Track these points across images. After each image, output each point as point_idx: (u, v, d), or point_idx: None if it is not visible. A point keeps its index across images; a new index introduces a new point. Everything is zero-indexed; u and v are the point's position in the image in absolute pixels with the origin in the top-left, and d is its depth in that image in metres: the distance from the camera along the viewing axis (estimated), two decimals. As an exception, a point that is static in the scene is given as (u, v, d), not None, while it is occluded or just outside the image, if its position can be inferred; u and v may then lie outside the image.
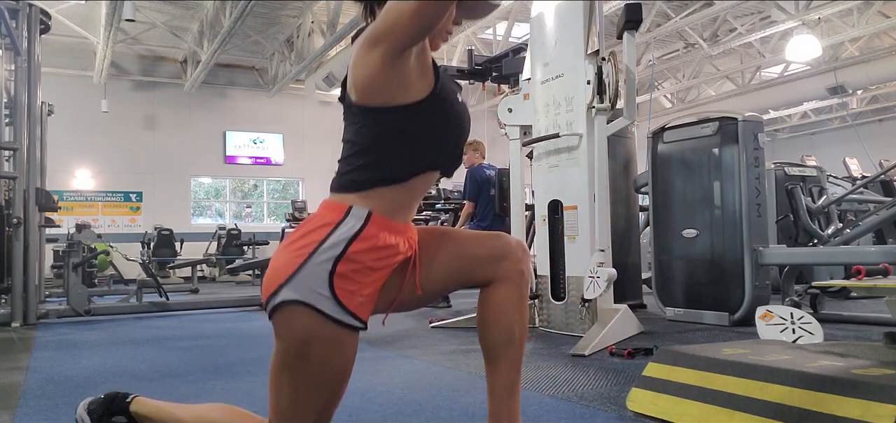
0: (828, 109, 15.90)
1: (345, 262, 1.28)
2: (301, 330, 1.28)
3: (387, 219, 1.35)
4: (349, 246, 1.29)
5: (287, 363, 1.31)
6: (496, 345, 1.45)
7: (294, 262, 1.28)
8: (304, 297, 1.26)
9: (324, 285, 1.27)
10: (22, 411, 2.26)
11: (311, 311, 1.27)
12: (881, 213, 4.87)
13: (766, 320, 2.68)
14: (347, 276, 1.29)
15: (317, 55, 11.11)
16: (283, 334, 1.30)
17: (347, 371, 1.35)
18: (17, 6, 5.11)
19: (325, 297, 1.27)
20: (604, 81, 3.70)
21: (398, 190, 1.37)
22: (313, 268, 1.27)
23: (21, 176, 4.96)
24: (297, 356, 1.30)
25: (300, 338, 1.29)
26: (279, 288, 1.28)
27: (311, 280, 1.27)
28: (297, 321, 1.28)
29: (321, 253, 1.28)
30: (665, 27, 11.12)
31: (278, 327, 1.31)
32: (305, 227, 1.34)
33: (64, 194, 12.45)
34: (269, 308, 1.31)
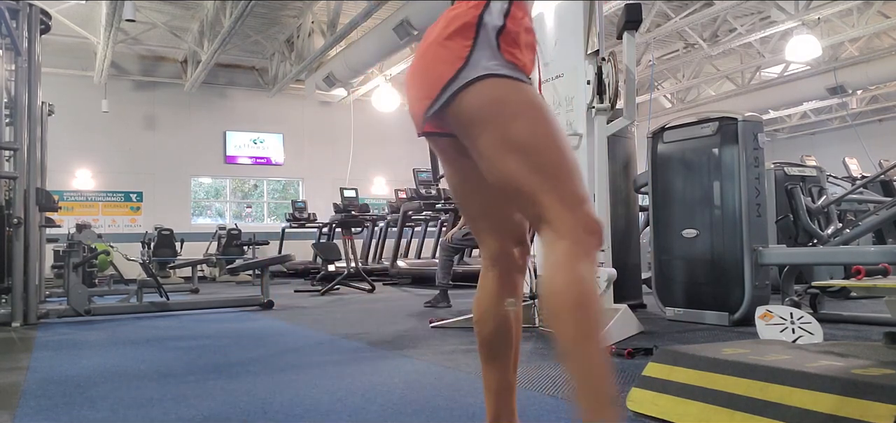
0: (828, 109, 15.89)
1: (504, 36, 1.29)
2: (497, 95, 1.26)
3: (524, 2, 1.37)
4: (506, 19, 1.30)
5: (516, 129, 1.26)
6: (494, 342, 1.46)
7: (463, 47, 1.27)
8: (488, 70, 1.26)
9: (497, 57, 1.28)
10: (22, 411, 2.26)
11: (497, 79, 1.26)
12: (881, 213, 4.87)
13: (766, 320, 2.69)
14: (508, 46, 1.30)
15: (317, 55, 11.12)
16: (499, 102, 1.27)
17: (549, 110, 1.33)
18: (18, 6, 5.11)
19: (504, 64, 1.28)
20: (604, 81, 3.70)
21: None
22: (481, 49, 1.27)
23: (21, 176, 4.96)
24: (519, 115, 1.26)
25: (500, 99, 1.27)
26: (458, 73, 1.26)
27: (483, 59, 1.27)
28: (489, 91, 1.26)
29: (482, 32, 1.28)
30: (665, 27, 11.12)
31: (486, 100, 1.27)
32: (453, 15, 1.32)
33: (64, 194, 12.45)
34: (444, 98, 1.27)
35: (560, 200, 1.23)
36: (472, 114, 1.27)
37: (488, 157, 1.28)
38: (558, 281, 1.19)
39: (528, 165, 1.24)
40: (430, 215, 9.83)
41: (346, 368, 2.92)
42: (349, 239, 8.41)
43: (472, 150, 1.31)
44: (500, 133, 1.25)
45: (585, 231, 1.22)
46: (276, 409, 2.17)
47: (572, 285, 1.18)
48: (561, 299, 1.18)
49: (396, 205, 10.64)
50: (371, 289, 7.79)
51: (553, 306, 1.19)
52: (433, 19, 5.61)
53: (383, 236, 11.31)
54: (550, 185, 1.24)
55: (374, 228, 11.33)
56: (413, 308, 5.69)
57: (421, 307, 5.70)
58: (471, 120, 1.27)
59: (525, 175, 1.24)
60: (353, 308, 5.94)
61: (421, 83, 1.33)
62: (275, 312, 5.67)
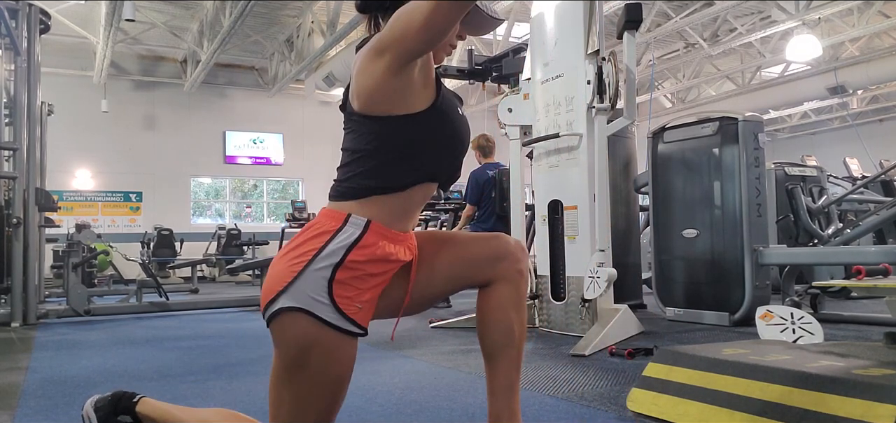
0: (828, 109, 15.89)
1: (343, 269, 1.29)
2: (300, 336, 1.28)
3: (385, 228, 1.35)
4: (348, 254, 1.30)
5: (286, 371, 1.31)
6: (495, 344, 1.46)
7: (292, 270, 1.29)
8: (302, 304, 1.27)
9: (322, 292, 1.27)
10: (22, 411, 2.26)
11: (309, 317, 1.27)
12: (881, 213, 4.87)
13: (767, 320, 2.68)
14: (346, 283, 1.29)
15: (317, 55, 11.11)
16: (282, 341, 1.30)
17: (346, 378, 1.35)
18: (17, 6, 5.11)
19: (324, 304, 1.27)
20: (604, 81, 3.69)
21: (396, 199, 1.38)
22: (312, 275, 1.28)
23: (21, 176, 4.96)
24: (296, 363, 1.29)
25: (299, 344, 1.28)
26: (277, 296, 1.28)
27: (309, 288, 1.27)
28: (296, 328, 1.28)
29: (320, 261, 1.29)
30: (665, 27, 11.12)
31: (277, 334, 1.31)
32: (303, 235, 1.34)
33: (64, 194, 12.45)
34: (267, 316, 1.31)
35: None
36: (274, 336, 1.31)
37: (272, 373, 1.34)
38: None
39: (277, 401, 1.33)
40: (431, 215, 9.82)
41: (345, 368, 2.92)
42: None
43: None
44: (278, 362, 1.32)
45: None
46: (276, 409, 2.16)
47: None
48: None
49: (396, 205, 10.61)
50: (371, 289, 7.77)
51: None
52: None
53: (383, 236, 11.29)
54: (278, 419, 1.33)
55: (374, 228, 11.31)
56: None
57: (421, 307, 5.68)
58: (274, 338, 1.31)
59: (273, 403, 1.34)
60: (352, 308, 5.92)
61: (262, 288, 1.36)
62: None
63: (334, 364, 1.31)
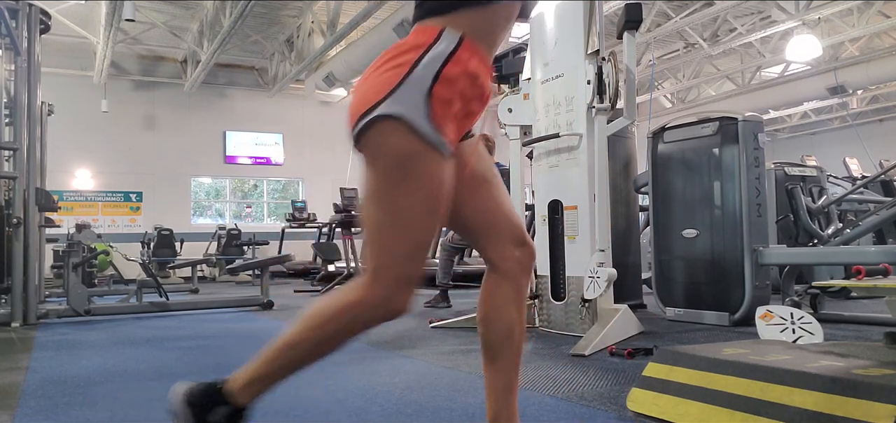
0: (828, 109, 15.90)
1: (440, 83, 1.25)
2: (400, 146, 1.23)
3: (476, 45, 1.32)
4: (444, 67, 1.26)
5: (382, 187, 1.26)
6: (496, 343, 1.46)
7: (391, 80, 1.25)
8: (403, 113, 1.23)
9: (421, 104, 1.23)
10: (22, 411, 2.26)
11: (407, 128, 1.23)
12: (881, 213, 4.87)
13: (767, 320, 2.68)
14: (441, 98, 1.26)
15: (317, 55, 11.12)
16: (380, 151, 1.25)
17: (442, 200, 1.29)
18: (17, 6, 5.10)
19: (422, 116, 1.23)
20: (604, 81, 3.69)
21: (482, 15, 1.33)
22: (410, 87, 1.24)
23: (21, 176, 4.96)
24: (394, 173, 1.25)
25: (399, 154, 1.24)
26: (376, 104, 1.24)
27: (409, 97, 1.23)
28: (396, 137, 1.23)
29: (417, 72, 1.25)
30: (665, 27, 11.12)
31: (372, 146, 1.26)
32: (395, 50, 1.30)
33: (64, 194, 12.45)
34: (360, 126, 1.25)
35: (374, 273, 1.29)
36: (367, 148, 1.27)
37: (365, 191, 1.30)
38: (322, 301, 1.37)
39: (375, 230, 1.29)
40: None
41: (346, 368, 2.92)
42: (349, 239, 8.40)
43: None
44: (376, 181, 1.27)
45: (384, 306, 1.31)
46: (276, 409, 2.17)
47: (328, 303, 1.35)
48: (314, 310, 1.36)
49: (396, 205, 10.62)
50: (371, 289, 7.77)
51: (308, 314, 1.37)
52: None
53: (383, 236, 11.29)
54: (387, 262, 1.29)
55: (374, 228, 11.31)
56: (413, 308, 5.69)
57: (421, 307, 5.69)
58: (365, 153, 1.28)
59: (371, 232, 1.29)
60: (353, 308, 5.92)
61: (352, 103, 1.32)
62: (275, 312, 5.67)
63: (432, 180, 1.26)
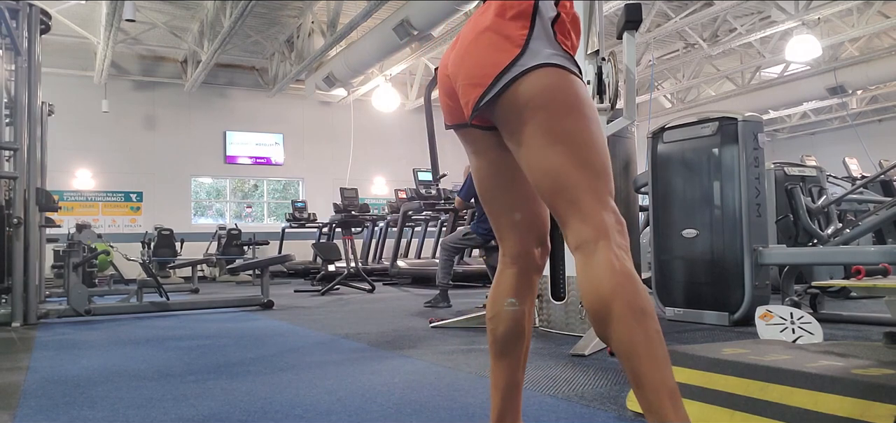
0: (828, 109, 15.90)
1: (559, 23, 1.30)
2: (564, 81, 1.25)
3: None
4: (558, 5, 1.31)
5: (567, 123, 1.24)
6: (506, 337, 1.45)
7: (519, 34, 1.25)
8: (546, 59, 1.25)
9: (555, 43, 1.28)
10: (22, 411, 2.26)
11: (555, 69, 1.25)
12: (881, 213, 4.87)
13: (766, 320, 2.69)
14: (563, 33, 1.30)
15: (317, 55, 11.12)
16: (550, 92, 1.24)
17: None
18: (18, 6, 5.11)
19: (560, 55, 1.27)
20: (604, 81, 3.69)
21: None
22: (541, 31, 1.27)
23: (21, 176, 4.96)
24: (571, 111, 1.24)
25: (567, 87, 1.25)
26: (519, 57, 1.24)
27: (547, 44, 1.26)
28: (558, 78, 1.24)
29: (541, 19, 1.28)
30: (665, 27, 11.13)
31: (539, 89, 1.24)
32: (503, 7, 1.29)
33: (64, 194, 12.46)
34: (501, 85, 1.24)
35: (599, 201, 1.22)
36: (525, 102, 1.24)
37: (533, 146, 1.24)
38: (611, 283, 1.16)
39: (573, 160, 1.23)
40: (431, 215, 9.83)
41: (346, 368, 2.92)
42: (349, 239, 8.41)
43: (512, 139, 1.29)
44: (550, 123, 1.23)
45: (620, 233, 1.23)
46: (276, 409, 2.17)
47: (626, 285, 1.16)
48: (616, 302, 1.15)
49: (396, 205, 10.65)
50: (371, 289, 7.79)
51: (609, 308, 1.15)
52: (433, 19, 5.75)
53: (383, 236, 11.32)
54: (589, 184, 1.22)
55: (374, 228, 11.34)
56: (413, 308, 5.69)
57: (421, 307, 5.70)
58: (523, 108, 1.24)
59: (568, 169, 1.23)
60: (353, 308, 5.94)
61: (471, 70, 1.29)
62: (275, 312, 5.67)
63: (587, 95, 1.28)
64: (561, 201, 1.24)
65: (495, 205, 1.46)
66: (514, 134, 1.28)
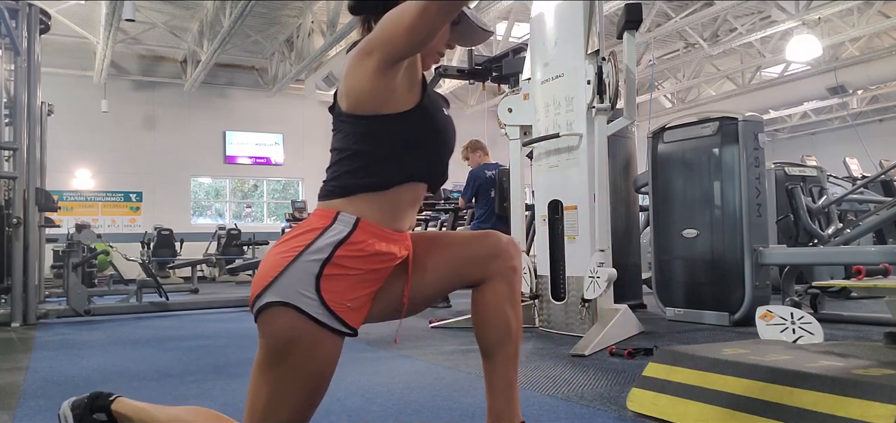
0: (828, 109, 15.89)
1: (332, 266, 1.30)
2: (285, 329, 1.29)
3: (376, 226, 1.36)
4: (336, 250, 1.31)
5: (267, 362, 1.32)
6: (493, 342, 1.47)
7: (280, 264, 1.30)
8: (289, 298, 1.28)
9: (310, 287, 1.28)
10: (22, 411, 2.26)
11: (294, 312, 1.28)
12: (881, 213, 4.87)
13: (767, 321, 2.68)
14: (335, 279, 1.30)
15: (317, 55, 11.12)
16: (267, 333, 1.31)
17: (327, 376, 1.35)
18: (17, 6, 5.11)
19: (311, 299, 1.28)
20: (604, 81, 3.70)
21: (383, 198, 1.38)
22: (299, 270, 1.29)
23: (21, 176, 4.96)
24: (277, 355, 1.30)
25: (283, 337, 1.29)
26: (264, 290, 1.30)
27: (296, 282, 1.28)
28: (280, 321, 1.29)
29: (307, 256, 1.30)
30: (665, 27, 11.12)
31: (262, 327, 1.32)
32: (293, 232, 1.36)
33: (64, 194, 12.45)
34: (255, 310, 1.32)
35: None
36: (260, 329, 1.32)
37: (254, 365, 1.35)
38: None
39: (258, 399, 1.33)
40: (430, 215, 9.82)
41: (345, 368, 2.92)
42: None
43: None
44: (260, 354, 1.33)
45: None
46: (276, 409, 2.16)
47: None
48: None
49: (396, 205, 10.62)
50: (371, 289, 7.77)
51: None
52: None
53: (383, 236, 11.30)
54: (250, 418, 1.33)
55: (374, 228, 11.32)
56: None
57: (421, 307, 5.69)
58: (260, 331, 1.33)
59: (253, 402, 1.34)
60: (352, 308, 5.92)
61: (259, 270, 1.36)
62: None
63: (316, 361, 1.32)
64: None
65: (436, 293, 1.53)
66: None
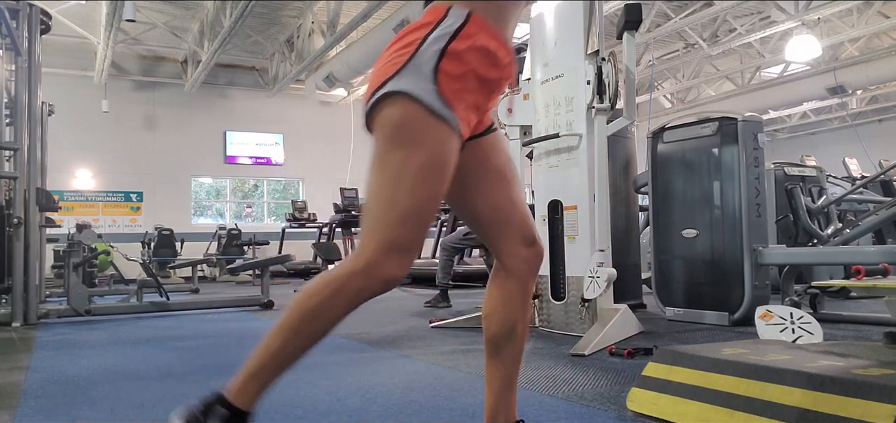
0: (828, 109, 15.90)
1: (448, 57, 1.27)
2: (399, 115, 1.26)
3: (486, 21, 1.33)
4: (451, 41, 1.28)
5: (381, 156, 1.28)
6: (499, 338, 1.47)
7: (398, 60, 1.28)
8: (409, 88, 1.25)
9: (427, 77, 1.26)
10: (22, 411, 2.26)
11: (411, 100, 1.25)
12: (881, 213, 4.88)
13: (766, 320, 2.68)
14: (449, 73, 1.28)
15: (317, 55, 11.12)
16: (382, 121, 1.28)
17: (442, 172, 1.29)
18: (18, 6, 5.11)
19: (429, 90, 1.25)
20: (604, 81, 3.70)
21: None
22: (416, 63, 1.27)
23: (21, 176, 4.96)
24: (391, 143, 1.27)
25: (398, 122, 1.26)
26: (384, 83, 1.27)
27: (414, 74, 1.26)
28: (399, 110, 1.26)
29: (424, 49, 1.27)
30: (665, 27, 11.13)
31: (379, 120, 1.28)
32: (407, 31, 1.33)
33: (64, 194, 12.46)
34: (370, 105, 1.29)
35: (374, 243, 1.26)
36: (376, 124, 1.29)
37: (370, 162, 1.31)
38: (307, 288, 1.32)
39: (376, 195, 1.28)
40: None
41: (346, 368, 2.92)
42: (349, 239, 8.42)
43: None
44: (381, 153, 1.28)
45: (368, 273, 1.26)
46: (276, 409, 2.17)
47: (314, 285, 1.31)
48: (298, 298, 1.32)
49: (396, 205, 10.63)
50: (371, 289, 7.77)
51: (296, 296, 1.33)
52: None
53: (383, 236, 11.29)
54: (373, 224, 1.27)
55: (374, 228, 11.32)
56: (413, 308, 5.69)
57: (421, 307, 5.70)
58: (374, 129, 1.30)
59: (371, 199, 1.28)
60: (353, 308, 5.93)
61: (365, 93, 1.35)
62: (275, 312, 5.67)
63: (434, 150, 1.27)
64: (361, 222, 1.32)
65: (469, 211, 1.48)
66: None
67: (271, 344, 1.37)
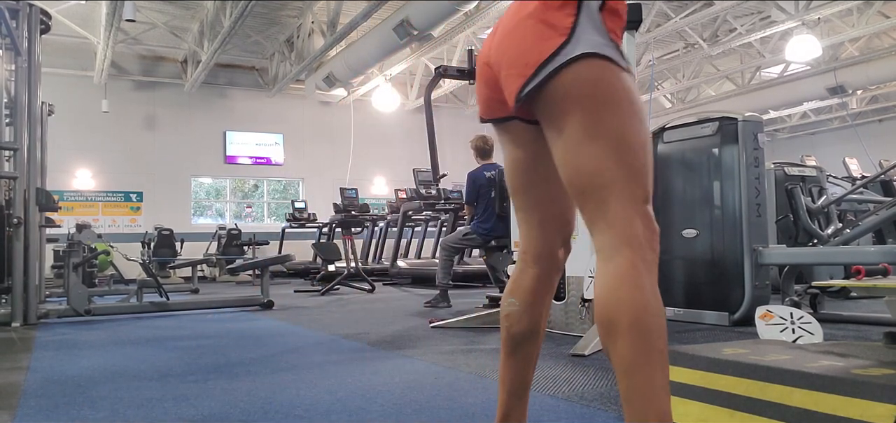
0: (828, 109, 15.89)
1: (606, 11, 1.23)
2: (601, 75, 1.17)
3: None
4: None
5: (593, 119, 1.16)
6: (519, 336, 1.42)
7: (565, 21, 1.18)
8: (590, 48, 1.17)
9: (601, 31, 1.20)
10: (22, 411, 2.26)
11: (602, 60, 1.18)
12: (881, 213, 4.87)
13: (766, 320, 2.69)
14: (610, 23, 1.23)
15: (317, 55, 11.12)
16: (584, 86, 1.16)
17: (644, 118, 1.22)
18: (18, 6, 5.11)
19: (605, 42, 1.19)
20: (604, 81, 3.70)
21: None
22: (586, 19, 1.19)
23: (21, 176, 4.96)
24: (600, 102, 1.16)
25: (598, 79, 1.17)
26: (561, 48, 1.16)
27: (588, 30, 1.18)
28: (594, 69, 1.17)
29: (586, 7, 1.20)
30: (665, 27, 11.12)
31: (572, 85, 1.17)
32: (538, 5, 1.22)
33: (64, 194, 12.45)
34: (544, 74, 1.17)
35: (629, 205, 1.16)
36: (567, 93, 1.17)
37: (571, 141, 1.18)
38: (619, 295, 1.12)
39: (609, 160, 1.16)
40: (430, 215, 9.83)
41: (346, 368, 2.92)
42: (349, 239, 8.41)
43: (551, 132, 1.22)
44: (591, 118, 1.16)
45: (648, 241, 1.17)
46: (276, 409, 2.17)
47: (636, 299, 1.11)
48: (621, 315, 1.11)
49: (396, 205, 10.65)
50: (371, 289, 7.79)
51: (613, 320, 1.11)
52: (433, 19, 5.79)
53: (383, 236, 11.31)
54: (622, 187, 1.16)
55: (374, 228, 11.34)
56: (413, 308, 5.69)
57: (421, 307, 5.70)
58: (564, 99, 1.18)
59: (602, 169, 1.16)
60: (353, 308, 5.94)
61: (514, 59, 1.22)
62: (275, 312, 5.67)
63: (632, 95, 1.19)
64: (590, 203, 1.19)
65: (527, 200, 1.41)
66: (553, 126, 1.21)
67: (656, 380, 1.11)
